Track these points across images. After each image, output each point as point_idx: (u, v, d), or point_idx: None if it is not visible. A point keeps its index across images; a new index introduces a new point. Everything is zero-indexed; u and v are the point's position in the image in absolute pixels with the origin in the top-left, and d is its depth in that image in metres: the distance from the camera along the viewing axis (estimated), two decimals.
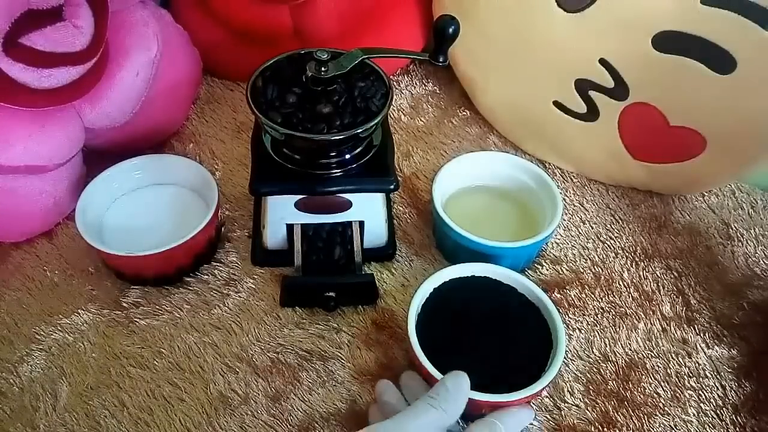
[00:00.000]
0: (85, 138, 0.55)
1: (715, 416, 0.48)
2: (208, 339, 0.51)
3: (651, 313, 0.54)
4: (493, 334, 0.46)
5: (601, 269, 0.57)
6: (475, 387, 0.40)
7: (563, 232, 0.60)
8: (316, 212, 0.52)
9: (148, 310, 0.52)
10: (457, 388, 0.39)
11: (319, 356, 0.50)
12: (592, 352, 0.52)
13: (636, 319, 0.54)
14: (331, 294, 0.51)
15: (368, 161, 0.50)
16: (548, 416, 0.48)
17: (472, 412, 0.42)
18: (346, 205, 0.52)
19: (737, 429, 0.48)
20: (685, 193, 0.65)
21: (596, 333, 0.53)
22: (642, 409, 0.48)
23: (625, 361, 0.51)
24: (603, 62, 0.56)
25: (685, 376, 0.50)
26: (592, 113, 0.60)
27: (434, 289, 0.48)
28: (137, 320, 0.52)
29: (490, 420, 0.41)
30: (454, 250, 0.55)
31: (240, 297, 0.54)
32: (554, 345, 0.45)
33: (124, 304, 0.53)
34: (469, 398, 0.40)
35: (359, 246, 0.53)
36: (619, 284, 0.56)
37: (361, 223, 0.53)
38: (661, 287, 0.56)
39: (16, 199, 0.53)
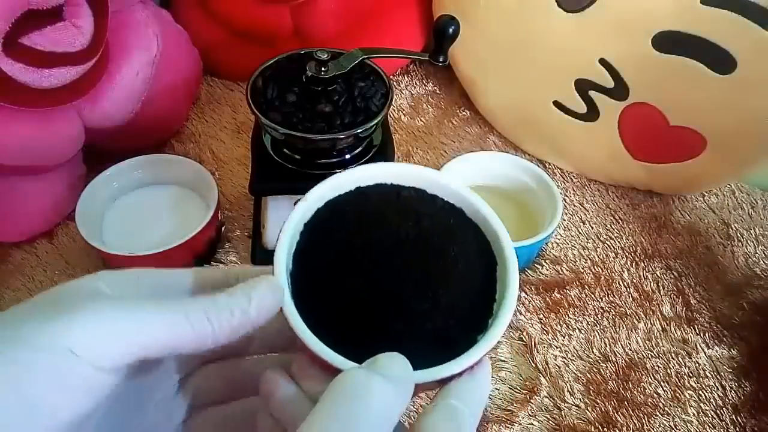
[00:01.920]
0: (85, 138, 0.55)
1: (715, 416, 0.48)
2: None
3: (651, 313, 0.54)
4: (409, 274, 0.30)
5: (601, 269, 0.57)
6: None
7: (563, 232, 0.60)
8: None
9: None
10: (398, 364, 0.25)
11: None
12: (592, 352, 0.52)
13: (636, 319, 0.54)
14: None
15: (368, 161, 0.50)
16: (548, 416, 0.48)
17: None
18: None
19: (737, 429, 0.48)
20: (685, 193, 0.65)
21: (596, 333, 0.53)
22: (642, 409, 0.48)
23: (625, 361, 0.51)
24: (603, 62, 0.56)
25: (685, 376, 0.50)
26: (592, 113, 0.60)
27: (305, 226, 0.31)
28: None
29: (446, 404, 0.26)
30: None
31: None
32: (503, 269, 0.31)
33: None
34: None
35: None
36: (619, 284, 0.56)
37: None
38: (661, 287, 0.56)
39: (16, 199, 0.53)
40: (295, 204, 0.31)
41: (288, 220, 0.30)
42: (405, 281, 0.30)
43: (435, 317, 0.29)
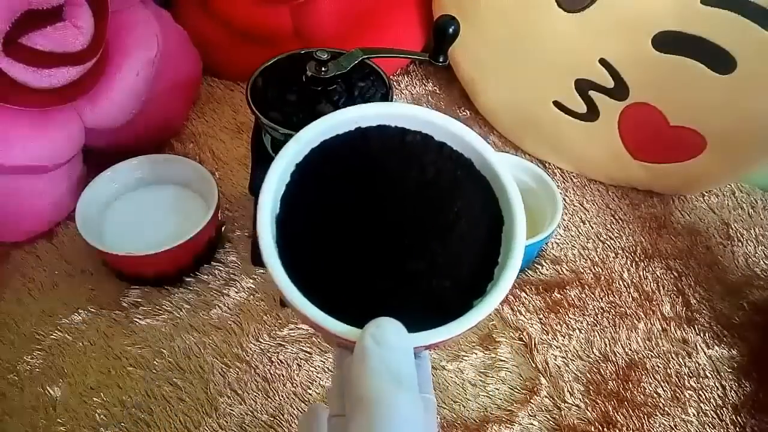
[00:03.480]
0: (85, 138, 0.55)
1: (715, 416, 0.48)
2: (208, 339, 0.51)
3: (651, 313, 0.54)
4: (405, 230, 0.28)
5: (601, 269, 0.57)
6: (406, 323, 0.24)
7: (563, 232, 0.60)
8: None
9: (148, 310, 0.52)
10: (392, 338, 0.24)
11: (319, 356, 0.50)
12: (592, 352, 0.52)
13: (636, 319, 0.54)
14: None
15: None
16: (548, 416, 0.48)
17: None
18: None
19: (737, 429, 0.48)
20: (685, 193, 0.65)
21: (596, 333, 0.53)
22: (642, 409, 0.48)
23: (625, 361, 0.51)
24: (603, 62, 0.56)
25: (685, 376, 0.50)
26: (592, 113, 0.60)
27: (296, 167, 0.29)
28: (137, 320, 0.52)
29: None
30: None
31: (240, 297, 0.54)
32: (509, 229, 0.28)
33: (124, 304, 0.53)
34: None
35: None
36: (619, 284, 0.56)
37: None
38: (661, 287, 0.56)
39: (16, 199, 0.53)
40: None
41: (277, 160, 0.27)
42: (400, 237, 0.27)
43: (429, 278, 0.27)
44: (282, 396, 0.48)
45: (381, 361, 0.23)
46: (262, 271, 0.55)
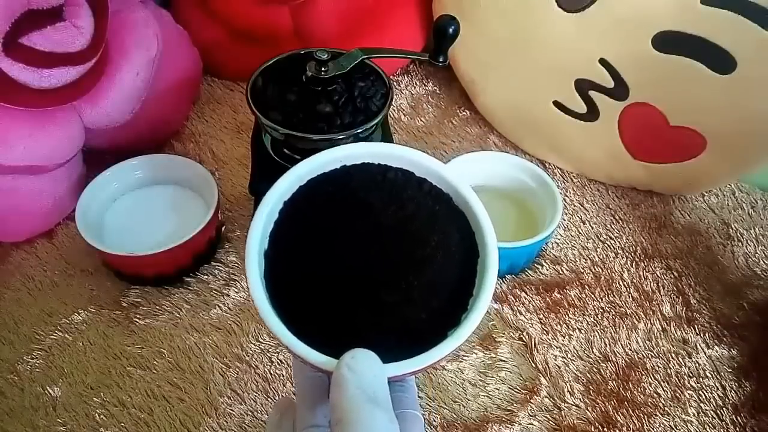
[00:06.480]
0: (85, 138, 0.55)
1: (715, 416, 0.48)
2: (208, 339, 0.51)
3: (651, 313, 0.54)
4: (384, 263, 0.29)
5: (601, 269, 0.57)
6: (381, 352, 0.26)
7: (563, 232, 0.60)
8: None
9: (148, 310, 0.52)
10: (366, 368, 0.25)
11: None
12: (592, 352, 0.52)
13: (636, 319, 0.54)
14: None
15: None
16: (548, 416, 0.48)
17: None
18: None
19: (737, 429, 0.48)
20: (685, 193, 0.65)
21: (596, 333, 0.53)
22: (642, 409, 0.48)
23: (625, 361, 0.51)
24: (603, 62, 0.56)
25: (685, 376, 0.50)
26: (592, 113, 0.60)
27: (284, 204, 0.30)
28: (137, 320, 0.52)
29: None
30: None
31: (240, 297, 0.54)
32: (483, 263, 0.29)
33: (124, 304, 0.53)
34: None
35: None
36: (619, 284, 0.56)
37: None
38: (661, 287, 0.56)
39: (16, 199, 0.53)
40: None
41: (267, 197, 0.29)
42: (379, 270, 0.29)
43: (405, 309, 0.28)
44: (282, 396, 0.48)
45: (357, 387, 0.24)
46: None
